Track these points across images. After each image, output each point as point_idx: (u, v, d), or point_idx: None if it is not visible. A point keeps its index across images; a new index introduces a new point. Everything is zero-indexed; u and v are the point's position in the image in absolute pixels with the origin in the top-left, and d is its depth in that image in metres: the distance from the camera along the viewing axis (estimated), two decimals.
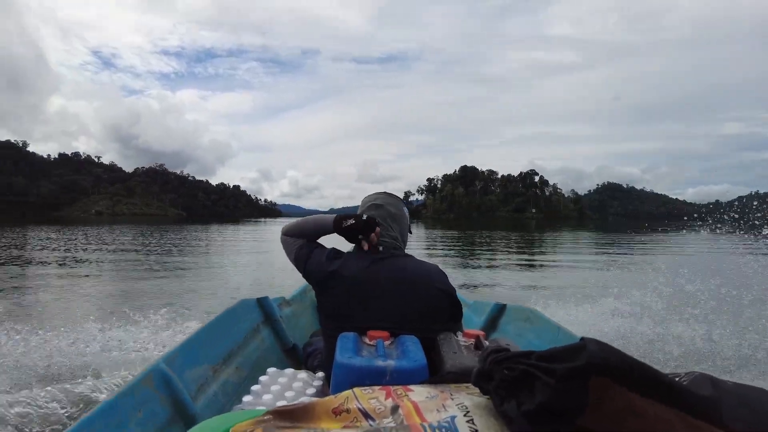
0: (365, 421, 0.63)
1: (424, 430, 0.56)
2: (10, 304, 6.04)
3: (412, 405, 0.63)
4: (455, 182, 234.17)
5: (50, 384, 2.46)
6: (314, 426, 0.64)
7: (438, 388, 0.70)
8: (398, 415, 0.62)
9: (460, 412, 0.60)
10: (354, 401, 0.67)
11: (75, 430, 0.97)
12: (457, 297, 1.63)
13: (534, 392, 0.56)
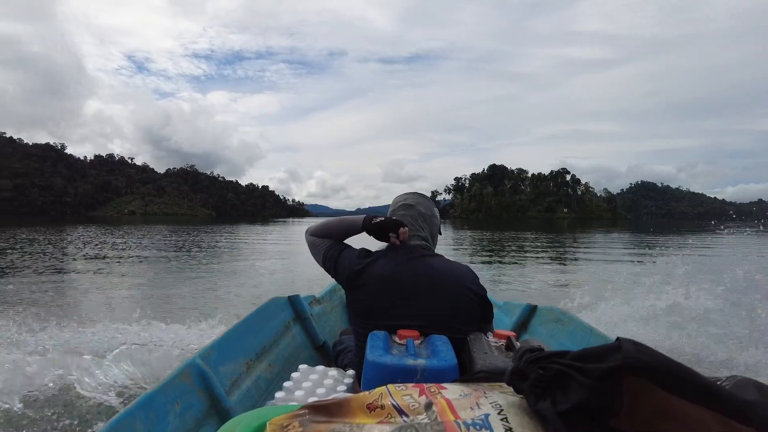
0: (399, 417, 0.64)
1: (458, 427, 0.57)
2: (53, 300, 6.35)
3: (445, 402, 0.64)
4: (484, 181, 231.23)
5: (92, 377, 2.60)
6: (349, 421, 0.65)
7: (471, 386, 0.71)
8: (432, 412, 0.63)
9: (493, 410, 0.61)
10: (388, 397, 0.68)
11: (118, 420, 1.02)
12: (488, 298, 1.63)
13: (568, 392, 0.56)
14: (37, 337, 3.01)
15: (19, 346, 2.92)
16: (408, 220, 1.67)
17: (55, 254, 13.22)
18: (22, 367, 2.58)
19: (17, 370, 2.53)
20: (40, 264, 10.80)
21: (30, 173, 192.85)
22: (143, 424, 1.07)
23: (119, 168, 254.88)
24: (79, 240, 19.59)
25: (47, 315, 3.33)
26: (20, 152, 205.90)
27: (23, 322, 3.28)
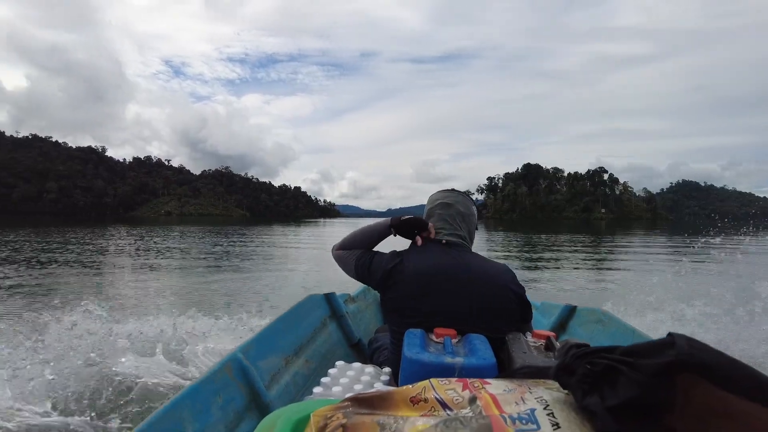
0: (443, 411, 0.65)
1: (504, 421, 0.57)
2: (104, 294, 6.70)
3: (489, 397, 0.64)
4: (518, 181, 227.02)
5: (138, 369, 2.76)
6: (392, 413, 0.66)
7: (515, 382, 0.71)
8: (476, 406, 0.63)
9: (539, 405, 0.61)
10: (431, 391, 0.69)
11: (165, 410, 1.06)
12: (527, 297, 1.62)
13: (618, 388, 0.55)
14: (89, 329, 3.17)
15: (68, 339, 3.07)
16: (446, 219, 1.67)
17: (102, 252, 13.89)
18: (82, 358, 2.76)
19: (74, 362, 2.70)
20: (87, 260, 11.39)
21: (73, 175, 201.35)
22: (189, 414, 1.11)
23: (157, 170, 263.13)
24: (123, 240, 20.47)
25: (98, 309, 3.52)
26: (64, 155, 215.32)
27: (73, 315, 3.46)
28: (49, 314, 3.29)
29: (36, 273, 8.92)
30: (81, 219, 73.21)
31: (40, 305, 5.41)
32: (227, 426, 1.24)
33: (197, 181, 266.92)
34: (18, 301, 6.13)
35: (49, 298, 6.02)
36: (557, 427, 0.57)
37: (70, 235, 21.97)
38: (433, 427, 0.57)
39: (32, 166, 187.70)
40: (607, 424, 0.54)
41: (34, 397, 2.41)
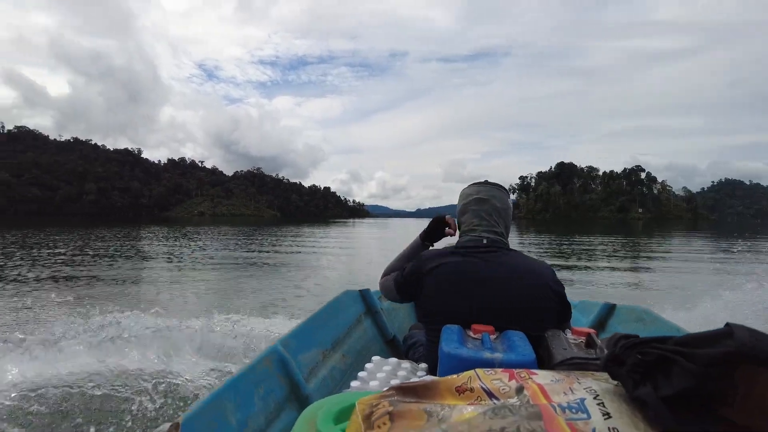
0: (489, 400, 0.65)
1: (554, 409, 0.56)
2: (146, 292, 7.01)
3: (537, 387, 0.64)
4: (551, 180, 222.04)
5: (187, 362, 2.95)
6: (439, 402, 0.66)
7: (562, 373, 0.70)
8: (524, 396, 0.63)
9: (589, 395, 0.60)
10: (477, 381, 0.69)
11: (209, 400, 1.10)
12: (566, 296, 1.59)
13: (671, 378, 0.54)
14: (128, 325, 3.35)
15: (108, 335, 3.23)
16: (482, 215, 1.64)
17: (143, 251, 14.49)
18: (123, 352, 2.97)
19: (114, 355, 2.90)
20: (126, 259, 11.85)
21: (111, 177, 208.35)
22: (231, 404, 1.15)
23: (191, 171, 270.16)
24: (161, 239, 21.35)
25: (139, 304, 3.74)
26: (102, 157, 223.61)
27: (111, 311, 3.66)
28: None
29: (99, 269, 9.54)
30: (119, 219, 76.40)
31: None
32: (268, 417, 1.27)
33: (230, 182, 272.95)
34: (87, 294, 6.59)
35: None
36: (608, 417, 0.56)
37: (118, 234, 23.09)
38: (481, 414, 0.57)
39: (73, 169, 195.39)
40: (661, 414, 0.53)
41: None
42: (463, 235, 1.67)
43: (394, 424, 0.62)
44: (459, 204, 1.74)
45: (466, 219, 1.67)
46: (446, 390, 0.70)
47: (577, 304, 2.58)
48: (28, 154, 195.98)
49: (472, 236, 1.62)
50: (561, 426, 0.54)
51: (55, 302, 5.03)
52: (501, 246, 1.60)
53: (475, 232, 1.63)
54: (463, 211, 1.70)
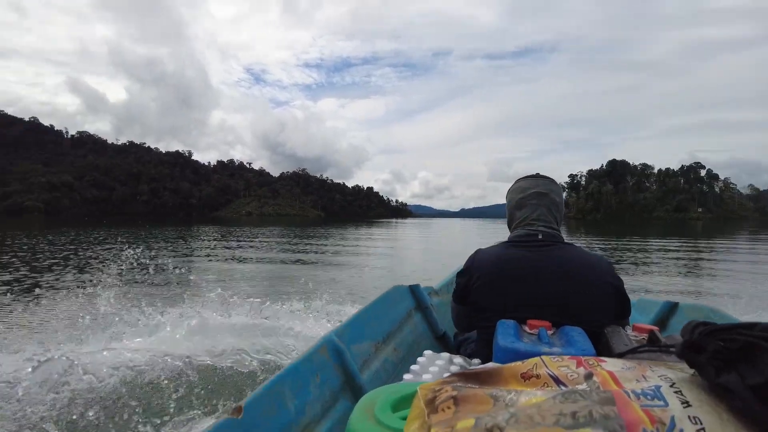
0: (556, 387, 0.64)
1: (628, 395, 0.55)
2: (207, 286, 7.46)
3: (607, 373, 0.63)
4: (602, 178, 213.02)
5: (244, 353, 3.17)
6: (504, 387, 0.66)
7: (633, 361, 0.68)
8: (593, 382, 0.62)
9: (664, 383, 0.58)
10: (543, 367, 0.68)
11: (270, 385, 1.14)
12: (625, 291, 1.54)
13: (759, 366, 0.52)
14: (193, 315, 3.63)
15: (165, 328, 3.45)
16: (543, 210, 1.60)
17: (197, 249, 15.30)
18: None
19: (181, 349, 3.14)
20: (187, 255, 12.46)
21: (162, 178, 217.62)
22: (289, 390, 1.19)
23: (239, 172, 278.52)
24: (218, 238, 22.46)
25: (205, 300, 4.06)
26: (155, 160, 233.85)
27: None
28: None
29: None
30: (172, 218, 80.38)
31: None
32: (324, 404, 1.30)
33: (276, 183, 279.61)
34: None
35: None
36: (688, 405, 0.54)
37: (179, 233, 24.42)
38: (551, 398, 0.56)
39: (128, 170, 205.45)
40: (749, 403, 0.51)
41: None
42: (516, 229, 1.64)
43: (459, 408, 0.62)
44: (514, 197, 1.69)
45: (523, 213, 1.64)
46: (511, 376, 0.69)
47: (635, 303, 2.48)
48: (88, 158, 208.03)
49: (528, 230, 1.58)
50: (636, 411, 0.52)
51: (143, 295, 5.53)
52: (557, 240, 1.56)
53: (532, 226, 1.59)
54: (520, 204, 1.65)
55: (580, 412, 0.52)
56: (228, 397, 2.71)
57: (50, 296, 6.43)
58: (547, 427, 0.51)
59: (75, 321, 3.96)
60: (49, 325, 4.58)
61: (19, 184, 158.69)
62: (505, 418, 0.54)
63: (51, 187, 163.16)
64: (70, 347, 3.16)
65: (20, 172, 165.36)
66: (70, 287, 7.26)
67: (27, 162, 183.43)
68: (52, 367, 2.68)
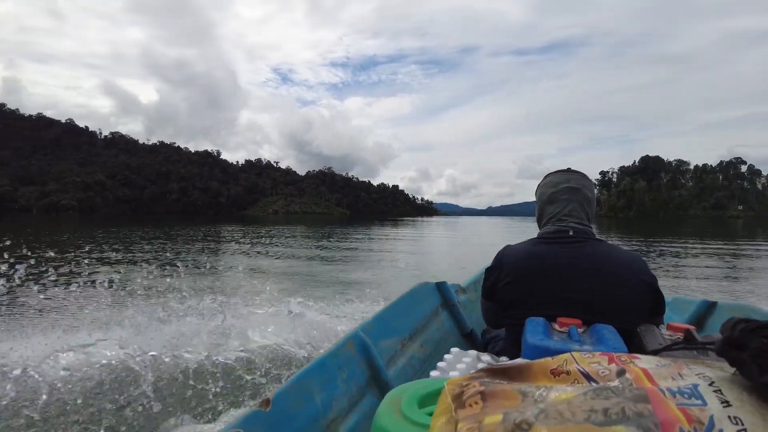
0: (587, 383, 0.62)
1: (662, 393, 0.53)
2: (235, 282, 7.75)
3: (640, 371, 0.61)
4: (635, 175, 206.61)
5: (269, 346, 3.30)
6: (533, 383, 0.65)
7: (668, 358, 0.66)
8: (625, 379, 0.60)
9: (702, 381, 0.56)
10: (573, 363, 0.66)
11: (298, 378, 1.16)
12: (660, 289, 1.50)
13: None
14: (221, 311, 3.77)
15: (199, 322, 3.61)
16: (575, 206, 1.56)
17: (235, 247, 15.77)
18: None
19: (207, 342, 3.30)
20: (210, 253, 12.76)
21: (192, 177, 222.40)
22: (317, 384, 1.20)
23: (266, 171, 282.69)
24: (247, 237, 22.87)
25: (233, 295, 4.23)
26: (185, 159, 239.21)
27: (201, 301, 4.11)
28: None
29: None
30: (201, 217, 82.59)
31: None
32: (350, 399, 1.31)
33: (302, 182, 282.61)
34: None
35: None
36: (728, 405, 0.52)
37: (211, 232, 25.03)
38: (581, 395, 0.55)
39: (158, 170, 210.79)
40: None
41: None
42: (546, 225, 1.61)
43: (487, 404, 0.61)
44: (545, 192, 1.65)
45: (554, 209, 1.60)
46: (540, 372, 0.68)
47: (669, 302, 2.41)
48: (120, 158, 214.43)
49: (559, 226, 1.55)
50: (671, 410, 0.50)
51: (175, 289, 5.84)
52: (589, 236, 1.53)
53: (563, 222, 1.55)
54: (552, 199, 1.62)
55: (612, 409, 0.51)
56: (257, 389, 2.83)
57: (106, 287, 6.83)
58: (578, 424, 0.50)
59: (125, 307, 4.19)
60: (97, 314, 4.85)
61: (55, 184, 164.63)
62: (534, 414, 0.52)
63: (85, 186, 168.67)
64: (121, 334, 3.36)
65: (57, 172, 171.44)
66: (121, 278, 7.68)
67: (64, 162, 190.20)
68: (90, 355, 2.88)
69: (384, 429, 0.80)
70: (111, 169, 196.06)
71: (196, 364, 2.91)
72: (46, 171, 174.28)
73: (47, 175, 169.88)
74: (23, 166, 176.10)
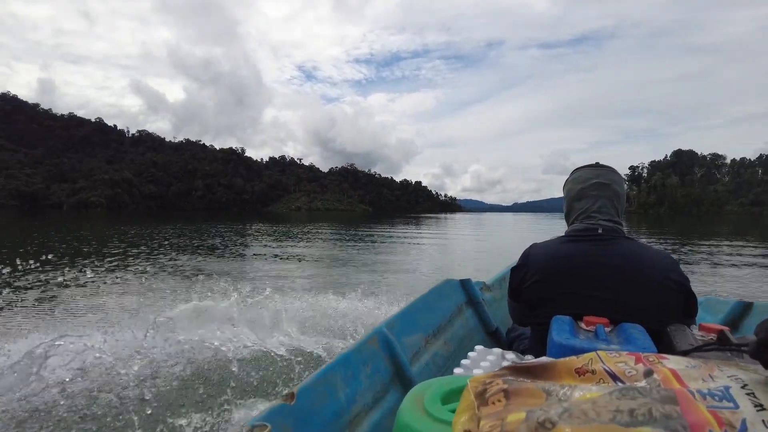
0: (613, 383, 0.62)
1: (692, 395, 0.52)
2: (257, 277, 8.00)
3: (669, 371, 0.59)
4: (666, 170, 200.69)
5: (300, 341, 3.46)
6: (557, 382, 0.64)
7: (699, 359, 0.64)
8: (653, 380, 0.59)
9: (735, 383, 0.54)
10: (599, 363, 0.66)
11: (322, 373, 1.18)
12: (692, 289, 1.46)
13: None
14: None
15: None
16: (604, 202, 1.53)
17: (262, 246, 16.07)
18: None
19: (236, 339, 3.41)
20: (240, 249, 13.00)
21: (216, 174, 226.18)
22: (341, 379, 1.22)
23: (290, 168, 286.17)
24: (272, 233, 23.39)
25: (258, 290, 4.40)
26: (210, 156, 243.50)
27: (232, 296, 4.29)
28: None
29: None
30: (225, 213, 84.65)
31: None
32: (374, 395, 1.33)
33: (325, 178, 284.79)
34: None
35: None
36: (762, 409, 0.50)
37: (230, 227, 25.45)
38: (607, 394, 0.54)
39: (183, 167, 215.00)
40: None
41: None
42: (575, 223, 1.58)
43: (511, 401, 0.60)
44: (573, 188, 1.61)
45: (583, 205, 1.57)
46: (564, 371, 0.67)
47: (702, 302, 2.35)
48: (146, 155, 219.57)
49: (588, 224, 1.52)
50: (701, 412, 0.49)
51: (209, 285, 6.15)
52: (618, 234, 1.49)
53: (592, 219, 1.52)
54: (580, 196, 1.58)
55: (638, 410, 0.50)
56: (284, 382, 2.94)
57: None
58: (603, 424, 0.49)
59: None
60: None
61: (85, 181, 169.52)
62: (557, 413, 0.52)
63: (113, 183, 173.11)
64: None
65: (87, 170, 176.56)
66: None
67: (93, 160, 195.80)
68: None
69: (407, 425, 0.81)
70: (138, 167, 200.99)
71: (219, 357, 3.06)
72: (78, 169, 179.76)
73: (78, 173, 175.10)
74: (56, 164, 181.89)
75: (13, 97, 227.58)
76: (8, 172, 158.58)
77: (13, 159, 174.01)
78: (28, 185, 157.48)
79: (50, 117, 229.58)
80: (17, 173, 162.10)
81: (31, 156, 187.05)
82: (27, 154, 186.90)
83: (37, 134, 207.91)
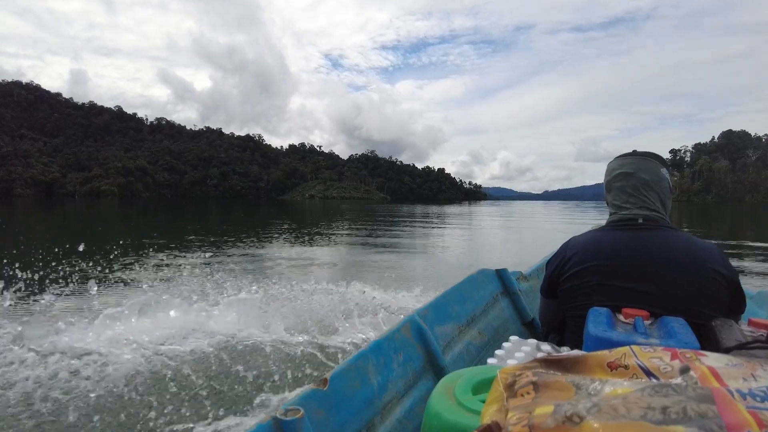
0: (646, 379, 0.61)
1: (731, 395, 0.51)
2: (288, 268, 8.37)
3: (707, 369, 0.59)
4: (714, 153, 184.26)
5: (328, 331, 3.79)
6: (588, 376, 0.64)
7: (741, 357, 0.63)
8: (689, 377, 0.58)
9: None
10: (632, 357, 0.65)
11: (354, 359, 1.22)
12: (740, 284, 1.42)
13: None
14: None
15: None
16: (628, 191, 1.51)
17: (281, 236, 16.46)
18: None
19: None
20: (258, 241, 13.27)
21: (232, 161, 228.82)
22: (374, 366, 1.26)
23: (309, 156, 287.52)
24: (292, 223, 23.95)
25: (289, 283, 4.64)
26: (226, 144, 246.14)
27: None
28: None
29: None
30: (239, 201, 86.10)
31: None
32: (406, 383, 1.36)
33: (344, 166, 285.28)
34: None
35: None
36: None
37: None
38: (639, 390, 0.53)
39: (199, 154, 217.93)
40: None
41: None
42: (613, 214, 1.57)
43: (539, 394, 0.61)
44: (605, 180, 1.62)
45: (612, 198, 1.56)
46: (596, 365, 0.67)
47: (754, 295, 2.28)
48: (163, 143, 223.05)
49: (622, 215, 1.51)
50: (740, 413, 0.47)
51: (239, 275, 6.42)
52: (661, 224, 1.47)
53: (625, 210, 1.51)
54: (608, 188, 1.59)
55: (672, 407, 0.49)
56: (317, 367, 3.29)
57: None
58: (633, 421, 0.48)
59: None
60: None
61: (99, 169, 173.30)
62: (586, 407, 0.51)
63: (126, 171, 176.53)
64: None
65: (103, 158, 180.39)
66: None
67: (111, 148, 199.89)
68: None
69: (438, 413, 0.85)
70: (154, 155, 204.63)
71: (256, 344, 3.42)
72: (95, 157, 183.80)
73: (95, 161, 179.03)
74: (74, 153, 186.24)
75: (36, 86, 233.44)
76: (27, 161, 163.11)
77: (33, 148, 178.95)
78: (45, 174, 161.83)
79: (71, 106, 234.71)
80: (35, 162, 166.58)
81: (51, 145, 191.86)
82: (47, 143, 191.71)
83: (58, 123, 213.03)
